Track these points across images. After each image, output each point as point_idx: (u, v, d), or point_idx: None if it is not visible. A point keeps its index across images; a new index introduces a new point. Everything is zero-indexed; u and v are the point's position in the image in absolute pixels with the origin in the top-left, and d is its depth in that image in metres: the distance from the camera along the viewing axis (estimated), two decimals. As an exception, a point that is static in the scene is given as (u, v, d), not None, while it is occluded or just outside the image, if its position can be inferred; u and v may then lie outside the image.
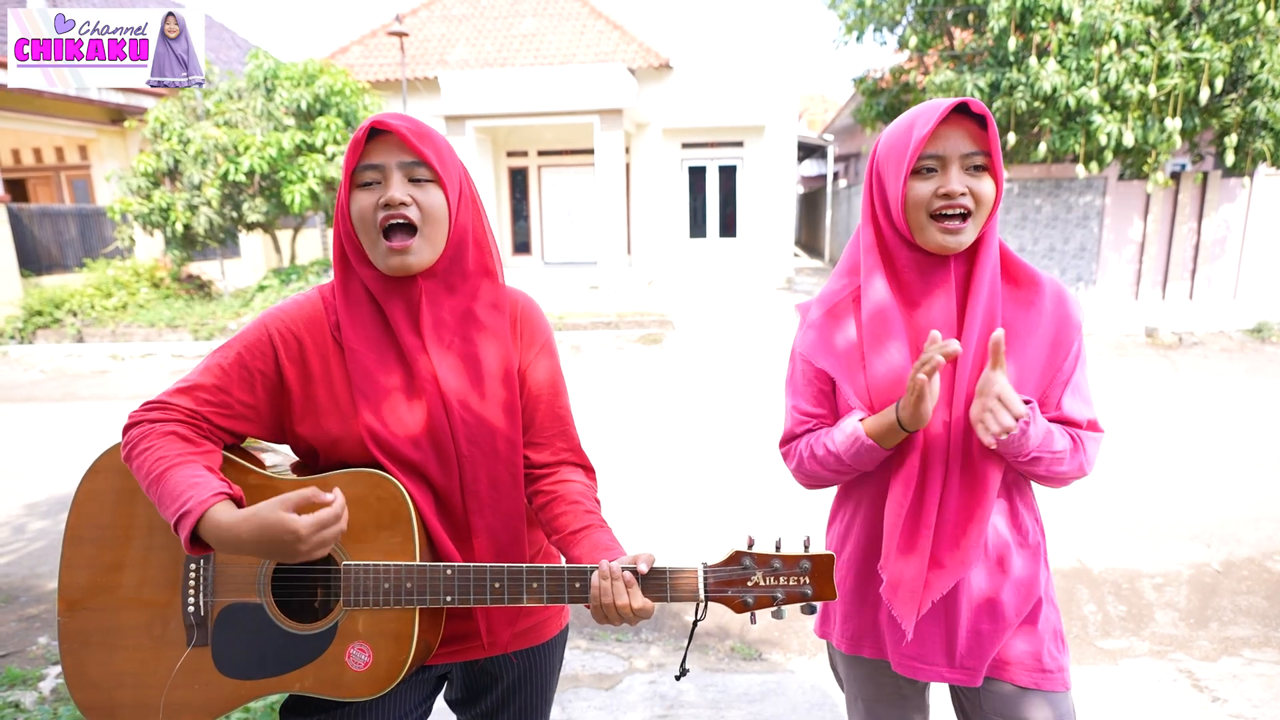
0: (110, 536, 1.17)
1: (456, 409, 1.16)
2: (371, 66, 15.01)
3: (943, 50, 10.80)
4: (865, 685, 1.41)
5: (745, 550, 1.07)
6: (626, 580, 1.05)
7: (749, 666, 2.68)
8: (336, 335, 1.17)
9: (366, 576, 1.10)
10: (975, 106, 1.14)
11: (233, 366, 1.14)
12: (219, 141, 10.06)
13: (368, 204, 1.11)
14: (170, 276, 11.66)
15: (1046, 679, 1.25)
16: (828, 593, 1.05)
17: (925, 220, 1.17)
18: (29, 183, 14.59)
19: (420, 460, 1.16)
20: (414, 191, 1.11)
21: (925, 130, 1.13)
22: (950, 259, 1.20)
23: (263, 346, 1.15)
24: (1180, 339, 8.88)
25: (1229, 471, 4.58)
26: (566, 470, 1.25)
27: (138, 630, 1.15)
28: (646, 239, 15.00)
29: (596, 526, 1.18)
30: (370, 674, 1.11)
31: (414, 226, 1.11)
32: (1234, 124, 9.02)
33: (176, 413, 1.12)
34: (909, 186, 1.17)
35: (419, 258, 1.12)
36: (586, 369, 8.16)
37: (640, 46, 14.54)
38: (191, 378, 1.15)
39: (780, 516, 3.95)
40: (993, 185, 1.16)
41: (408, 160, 1.11)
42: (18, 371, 8.91)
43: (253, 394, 1.15)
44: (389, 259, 1.11)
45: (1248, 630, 2.87)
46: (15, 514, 4.23)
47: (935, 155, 1.15)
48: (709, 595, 1.07)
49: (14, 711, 2.42)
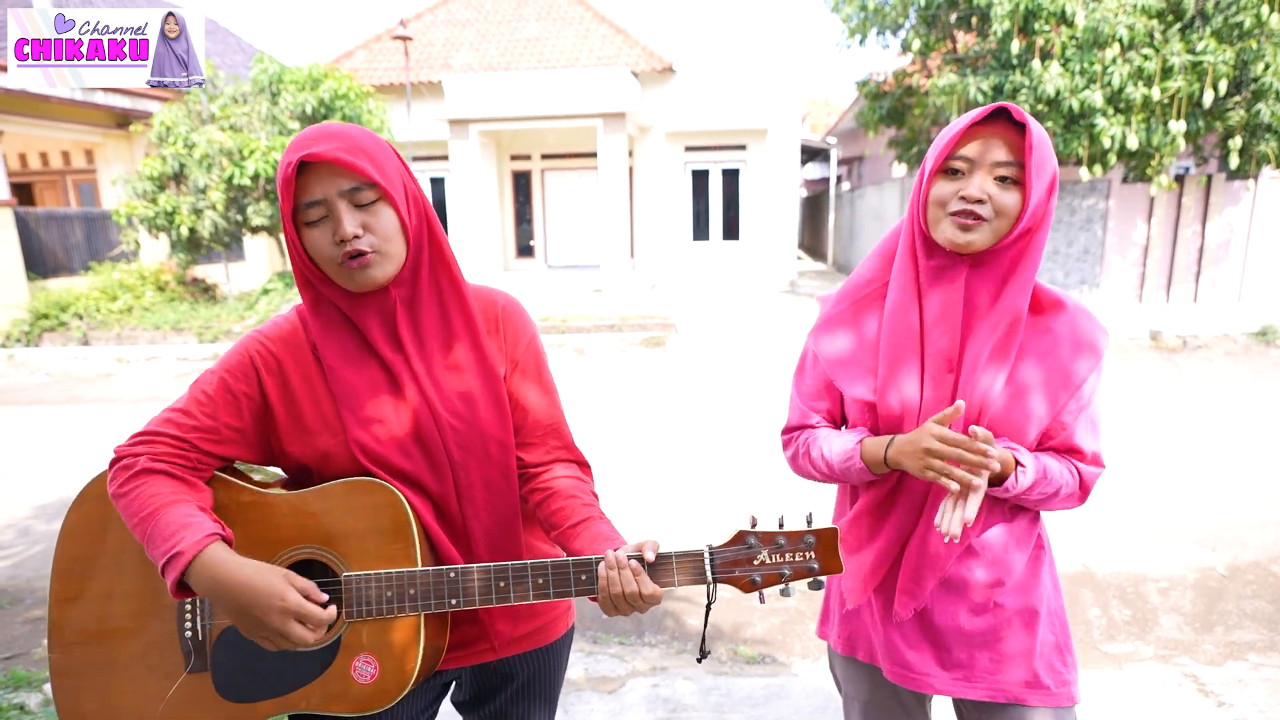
0: (100, 567, 1.15)
1: (444, 416, 1.16)
2: (376, 71, 15.06)
3: (946, 53, 10.79)
4: (860, 688, 1.41)
5: (749, 530, 1.07)
6: (634, 569, 1.04)
7: (752, 670, 2.68)
8: (315, 353, 1.17)
9: (368, 586, 1.09)
10: (1017, 114, 1.11)
11: (218, 392, 1.14)
12: (224, 145, 10.10)
13: (322, 241, 1.08)
14: (175, 280, 11.70)
15: (1048, 695, 1.24)
16: (834, 566, 1.05)
17: (942, 215, 1.16)
18: (35, 186, 14.67)
19: (413, 470, 1.15)
20: (364, 218, 1.07)
21: (957, 129, 1.13)
22: (965, 265, 1.18)
23: (245, 369, 1.15)
24: (1184, 342, 8.85)
25: (1234, 475, 4.57)
26: (560, 467, 1.25)
27: (133, 661, 1.13)
28: (649, 242, 15.01)
29: (595, 518, 1.17)
30: (378, 686, 1.09)
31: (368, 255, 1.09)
32: (1238, 127, 9.00)
33: (164, 445, 1.10)
34: (935, 182, 1.17)
35: (383, 270, 1.10)
36: (590, 372, 8.16)
37: (643, 50, 14.56)
38: (178, 406, 1.14)
39: (785, 517, 3.93)
40: (1018, 199, 1.12)
41: (348, 186, 1.06)
42: (24, 374, 8.94)
43: (239, 418, 1.14)
44: (355, 276, 1.09)
45: (1253, 635, 2.86)
46: (21, 517, 4.25)
47: (965, 157, 1.13)
48: (716, 576, 1.06)
49: (19, 713, 2.43)
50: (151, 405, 7.17)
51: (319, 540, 1.12)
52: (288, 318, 1.20)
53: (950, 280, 1.18)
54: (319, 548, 1.12)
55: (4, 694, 2.54)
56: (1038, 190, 1.11)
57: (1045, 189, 1.13)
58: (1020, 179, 1.12)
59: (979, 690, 1.25)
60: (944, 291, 1.19)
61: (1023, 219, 1.12)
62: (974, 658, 1.25)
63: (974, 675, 1.25)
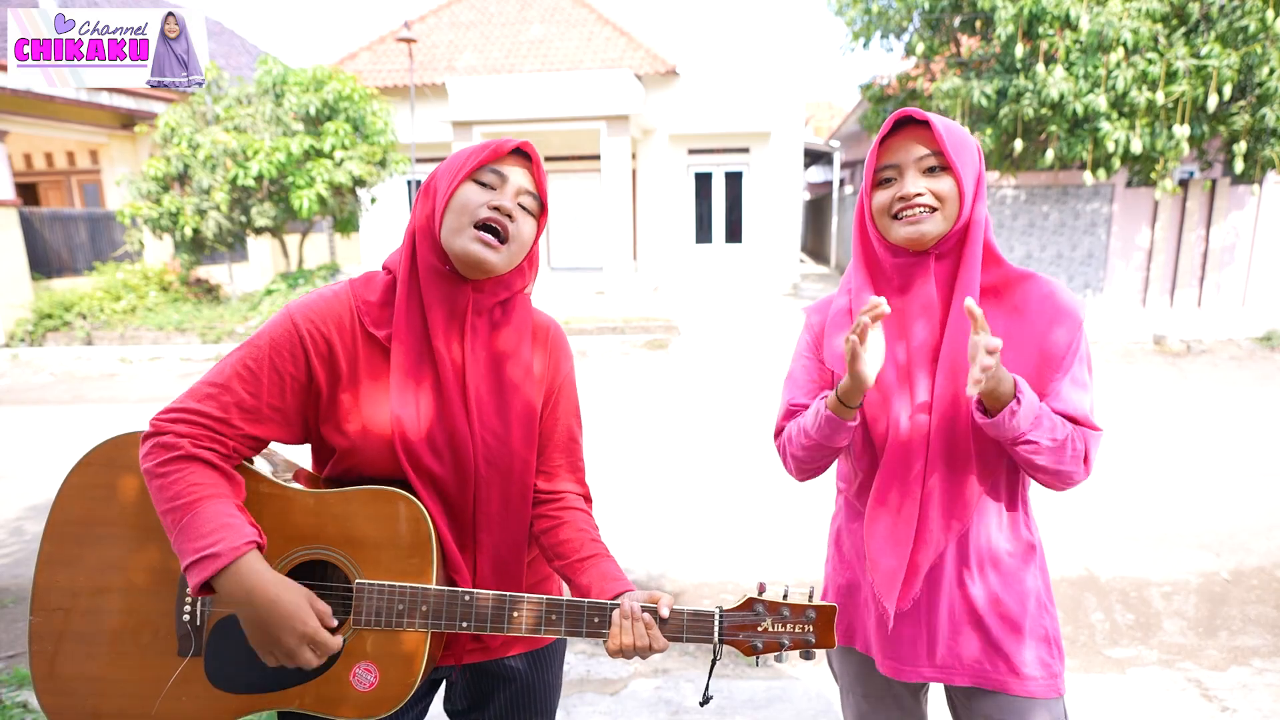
0: (96, 535, 1.11)
1: (479, 428, 1.16)
2: (380, 72, 15.09)
3: (950, 57, 10.79)
4: (856, 680, 1.43)
5: (757, 597, 1.11)
6: (647, 622, 1.07)
7: (754, 673, 2.67)
8: (363, 334, 1.15)
9: (381, 597, 1.08)
10: (919, 115, 1.19)
11: (262, 369, 1.10)
12: (228, 146, 10.13)
13: (476, 198, 1.12)
14: (179, 280, 11.73)
15: (1035, 684, 1.26)
16: (828, 641, 1.11)
17: (890, 222, 1.22)
18: (40, 187, 14.71)
19: (441, 473, 1.15)
20: (518, 213, 1.14)
21: (875, 146, 1.22)
22: (930, 258, 1.22)
23: (293, 347, 1.11)
24: (1188, 347, 8.83)
25: (1238, 480, 4.55)
26: (571, 498, 1.28)
27: (123, 636, 1.10)
28: (652, 245, 15.01)
29: (602, 556, 1.20)
30: (376, 695, 1.09)
31: (505, 239, 1.13)
32: (1243, 131, 8.98)
33: (202, 426, 1.07)
34: (874, 197, 1.24)
35: (501, 260, 1.13)
36: (592, 374, 8.16)
37: (647, 53, 14.58)
38: (218, 380, 1.09)
39: (787, 521, 3.94)
40: (953, 183, 1.18)
41: (527, 188, 1.15)
42: (28, 374, 8.96)
43: (282, 398, 1.11)
44: (471, 245, 1.10)
45: (1257, 640, 2.85)
46: (24, 515, 4.26)
47: (891, 165, 1.21)
48: (723, 638, 1.10)
49: (22, 711, 2.43)
50: (155, 405, 7.18)
51: (336, 542, 1.11)
52: (337, 294, 1.16)
53: (920, 274, 1.23)
54: (334, 549, 1.11)
55: (7, 692, 2.54)
56: (967, 169, 1.18)
57: (975, 167, 1.20)
58: (945, 164, 1.18)
59: (965, 676, 1.28)
60: (917, 286, 1.24)
61: (964, 199, 1.18)
62: (962, 646, 1.28)
63: (961, 662, 1.28)
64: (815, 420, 1.25)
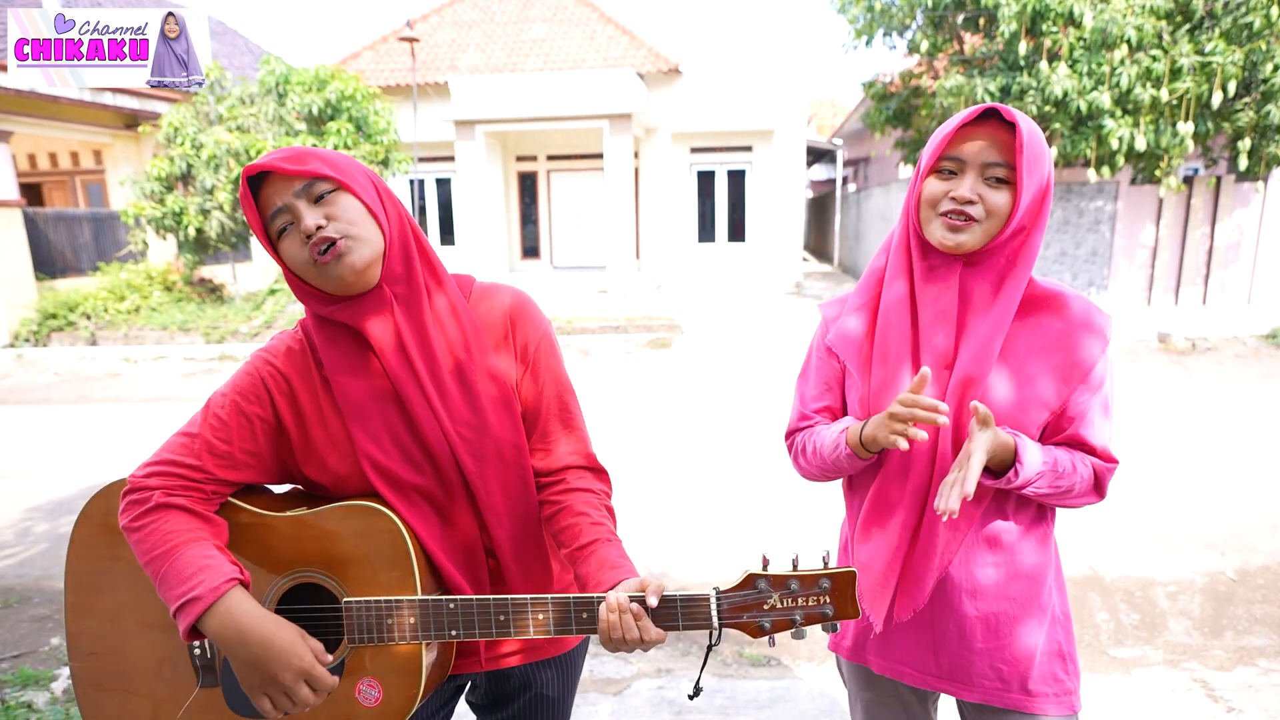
0: (109, 584, 1.16)
1: (450, 425, 1.13)
2: (382, 72, 15.09)
3: (953, 54, 10.76)
4: (864, 686, 1.40)
5: (759, 572, 1.02)
6: (635, 613, 1.00)
7: (758, 673, 2.67)
8: (320, 370, 1.14)
9: (368, 613, 1.08)
10: (1007, 114, 1.11)
11: (231, 416, 1.11)
12: (231, 146, 10.14)
13: (294, 248, 1.06)
14: (183, 280, 11.75)
15: (1048, 702, 1.23)
16: (850, 611, 1.01)
17: (933, 215, 1.16)
18: (44, 187, 14.74)
19: (424, 484, 1.14)
20: (324, 209, 1.05)
21: (948, 130, 1.13)
22: (959, 264, 1.18)
23: (258, 391, 1.13)
24: (1193, 345, 8.80)
25: (1243, 479, 4.53)
26: (574, 477, 1.20)
27: (147, 674, 1.15)
28: (655, 243, 15.01)
29: (604, 541, 1.12)
30: (382, 709, 1.10)
31: (334, 246, 1.05)
32: (1247, 128, 8.94)
33: (175, 475, 1.08)
34: (926, 183, 1.17)
35: (359, 255, 1.05)
36: (595, 373, 8.16)
37: (649, 52, 14.57)
38: (190, 430, 1.12)
39: (794, 520, 3.93)
40: (1009, 199, 1.12)
41: (300, 186, 1.04)
42: (32, 374, 8.99)
43: (254, 441, 1.12)
44: (330, 270, 1.05)
45: (1263, 640, 2.84)
46: (27, 516, 4.27)
47: (955, 158, 1.14)
48: (723, 622, 1.02)
49: (26, 711, 2.44)
50: (158, 405, 7.20)
51: (319, 563, 1.11)
52: (293, 335, 1.18)
53: (944, 279, 1.19)
54: (319, 571, 1.12)
55: (12, 692, 2.55)
56: (1029, 190, 1.11)
57: (1039, 188, 1.12)
58: (1011, 179, 1.12)
59: (976, 693, 1.24)
60: (939, 290, 1.19)
61: (1014, 219, 1.12)
62: (973, 660, 1.23)
63: (972, 678, 1.24)
64: (834, 451, 1.23)
